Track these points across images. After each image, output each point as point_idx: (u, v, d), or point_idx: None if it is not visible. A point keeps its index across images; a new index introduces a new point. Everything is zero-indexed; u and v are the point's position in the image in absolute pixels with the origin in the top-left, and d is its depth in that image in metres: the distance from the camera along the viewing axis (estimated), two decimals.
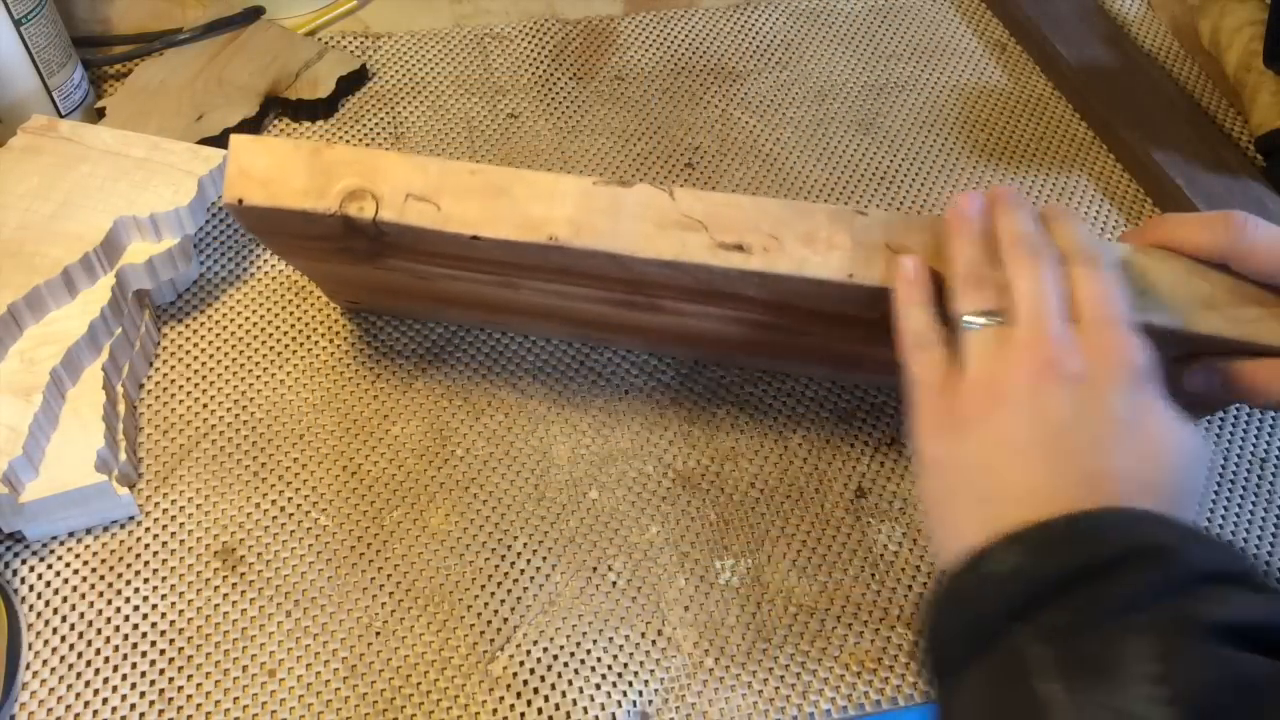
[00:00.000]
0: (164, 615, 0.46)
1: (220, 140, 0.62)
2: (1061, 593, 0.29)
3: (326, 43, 0.70)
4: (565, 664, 0.45)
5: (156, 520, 0.48)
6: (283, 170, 0.41)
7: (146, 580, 0.47)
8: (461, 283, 0.47)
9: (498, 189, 0.41)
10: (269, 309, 0.56)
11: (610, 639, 0.46)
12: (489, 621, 0.46)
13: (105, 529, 0.48)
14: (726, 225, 0.41)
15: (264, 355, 0.54)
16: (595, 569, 0.48)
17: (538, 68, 0.70)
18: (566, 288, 0.46)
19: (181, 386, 0.53)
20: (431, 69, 0.69)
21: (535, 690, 0.44)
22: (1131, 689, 0.27)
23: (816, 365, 0.53)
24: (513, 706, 0.44)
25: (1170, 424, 0.35)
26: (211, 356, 0.54)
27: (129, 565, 0.47)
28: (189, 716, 0.43)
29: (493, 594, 0.47)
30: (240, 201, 0.42)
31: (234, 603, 0.46)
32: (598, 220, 0.41)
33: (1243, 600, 0.30)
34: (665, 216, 0.41)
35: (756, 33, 0.72)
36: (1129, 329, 0.36)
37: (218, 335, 0.55)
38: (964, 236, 0.39)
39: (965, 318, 0.37)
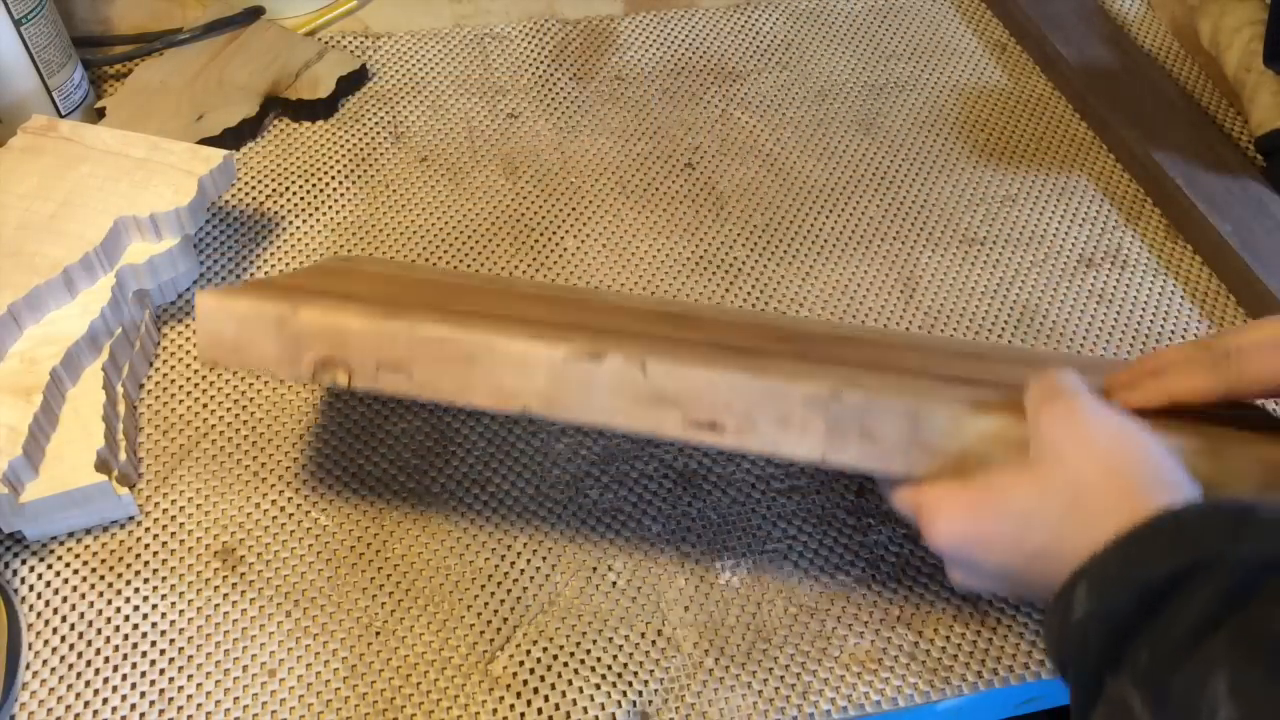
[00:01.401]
0: (164, 615, 0.46)
1: (220, 140, 0.62)
2: (1137, 628, 0.31)
3: (326, 43, 0.70)
4: (565, 664, 0.45)
5: (156, 520, 0.48)
6: (251, 339, 0.41)
7: (146, 580, 0.47)
8: None
9: (469, 357, 0.41)
10: None
11: (610, 639, 0.46)
12: (489, 621, 0.46)
13: (105, 529, 0.48)
14: (700, 403, 0.40)
15: None
16: (595, 569, 0.48)
17: (538, 68, 0.70)
18: None
19: (181, 386, 0.53)
20: (431, 69, 0.69)
21: (535, 690, 0.44)
22: None
23: None
24: (513, 706, 0.44)
25: (1108, 422, 0.36)
26: None
27: (129, 565, 0.47)
28: (189, 716, 0.43)
29: (493, 594, 0.47)
30: (214, 365, 0.43)
31: (234, 603, 0.46)
32: (570, 394, 0.40)
33: None
34: (639, 392, 0.40)
35: (756, 33, 0.72)
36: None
37: None
38: None
39: None
